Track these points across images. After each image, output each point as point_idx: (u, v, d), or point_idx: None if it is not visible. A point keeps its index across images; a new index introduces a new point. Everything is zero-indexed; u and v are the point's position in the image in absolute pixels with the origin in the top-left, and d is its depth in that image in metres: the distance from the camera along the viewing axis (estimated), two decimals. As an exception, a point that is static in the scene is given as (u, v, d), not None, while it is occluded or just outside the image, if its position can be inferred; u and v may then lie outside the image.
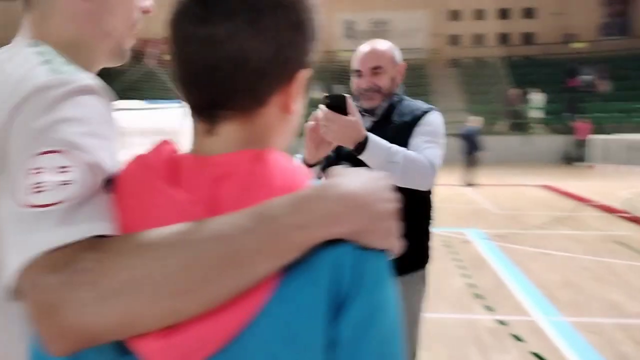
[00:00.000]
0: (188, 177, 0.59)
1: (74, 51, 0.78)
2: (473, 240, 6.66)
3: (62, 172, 0.58)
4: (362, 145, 1.74)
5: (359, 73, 2.04)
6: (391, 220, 0.59)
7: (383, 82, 2.01)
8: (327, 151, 1.81)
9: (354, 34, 27.09)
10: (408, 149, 1.87)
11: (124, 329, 0.52)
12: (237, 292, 0.53)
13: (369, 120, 2.02)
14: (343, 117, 1.69)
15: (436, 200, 2.11)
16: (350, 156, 1.78)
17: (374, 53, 2.04)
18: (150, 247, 0.53)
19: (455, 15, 28.22)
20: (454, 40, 28.23)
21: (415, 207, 1.94)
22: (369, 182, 0.60)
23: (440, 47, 27.66)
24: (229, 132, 0.62)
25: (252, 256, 0.53)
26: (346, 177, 0.60)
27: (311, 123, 1.74)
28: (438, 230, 5.85)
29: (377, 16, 28.04)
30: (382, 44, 2.07)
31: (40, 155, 0.59)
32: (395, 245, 0.60)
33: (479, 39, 28.07)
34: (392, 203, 0.60)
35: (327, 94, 1.73)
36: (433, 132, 1.95)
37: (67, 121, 0.61)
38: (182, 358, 0.53)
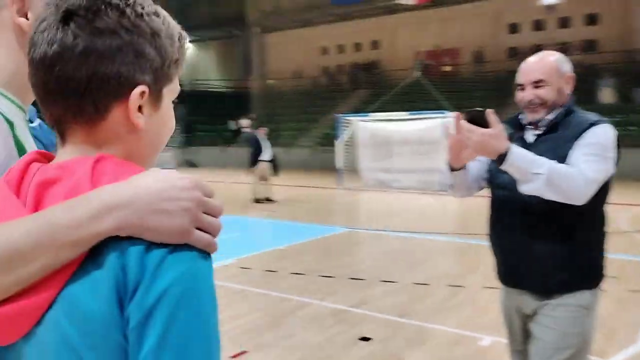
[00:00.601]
0: (25, 184, 0.71)
1: (16, 80, 0.91)
2: None
3: None
4: (503, 157, 1.84)
5: (521, 86, 2.08)
6: (178, 217, 0.65)
7: (547, 94, 2.02)
8: (471, 158, 2.06)
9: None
10: (566, 162, 1.91)
11: None
12: (25, 282, 0.63)
13: (532, 133, 2.09)
14: (481, 129, 1.84)
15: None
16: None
17: (535, 66, 2.06)
18: None
19: None
20: None
21: (576, 220, 1.97)
22: (154, 182, 0.66)
23: None
24: (73, 143, 0.72)
25: (31, 253, 0.62)
26: (137, 178, 0.67)
27: (452, 132, 1.97)
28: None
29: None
30: (547, 56, 2.08)
31: None
32: (196, 239, 0.66)
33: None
34: (182, 201, 0.66)
35: (469, 110, 1.91)
36: (597, 144, 1.92)
37: None
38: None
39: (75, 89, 0.70)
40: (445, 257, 7.27)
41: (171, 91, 0.79)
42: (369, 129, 15.56)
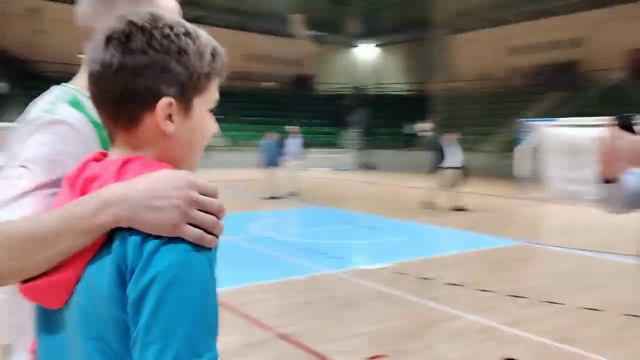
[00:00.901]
0: (79, 179, 0.85)
1: None
2: None
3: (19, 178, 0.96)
4: None
5: None
6: (167, 213, 0.75)
7: None
8: (624, 169, 1.87)
9: None
10: None
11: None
12: (53, 261, 0.78)
13: None
14: (629, 134, 1.74)
15: None
16: None
17: None
18: (6, 229, 0.79)
19: None
20: None
21: None
22: (150, 182, 0.77)
23: None
24: (117, 145, 0.87)
25: (55, 238, 0.77)
26: (138, 178, 0.79)
27: (601, 141, 1.83)
28: None
29: None
30: None
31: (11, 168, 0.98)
32: (185, 233, 0.75)
33: None
34: (172, 199, 0.76)
35: (621, 115, 1.80)
36: None
37: (33, 145, 1.00)
38: (39, 295, 0.82)
39: (113, 100, 0.83)
40: (624, 282, 6.39)
41: (205, 101, 0.89)
42: (558, 135, 14.31)
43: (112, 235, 0.77)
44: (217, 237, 0.79)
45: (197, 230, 0.76)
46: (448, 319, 4.80)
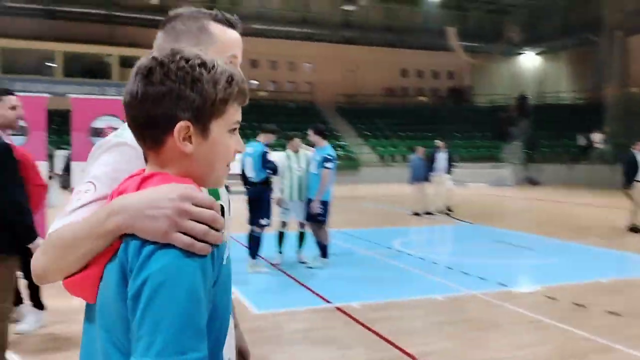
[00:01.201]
0: (115, 192, 0.99)
1: None
2: None
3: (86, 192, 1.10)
4: None
5: None
6: (159, 222, 0.85)
7: None
8: None
9: None
10: None
11: (47, 274, 0.98)
12: (83, 260, 0.92)
13: None
14: None
15: None
16: None
17: None
18: (55, 235, 0.98)
19: None
20: None
21: None
22: (149, 194, 0.90)
23: None
24: (148, 163, 1.00)
25: (82, 241, 0.91)
26: (142, 191, 0.93)
27: None
28: None
29: None
30: None
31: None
32: (175, 240, 0.85)
33: None
34: (164, 209, 0.86)
35: None
36: None
37: (100, 164, 1.15)
38: (76, 290, 0.97)
39: (140, 125, 0.97)
40: None
41: (223, 123, 0.99)
42: None
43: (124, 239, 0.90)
44: (210, 244, 0.87)
45: (187, 237, 0.85)
46: (601, 350, 4.29)
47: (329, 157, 7.03)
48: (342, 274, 6.92)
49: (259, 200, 6.86)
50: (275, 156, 7.08)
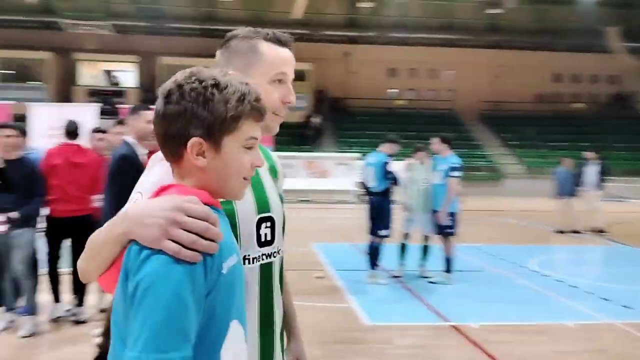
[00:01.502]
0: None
1: None
2: None
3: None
4: None
5: None
6: (152, 229, 0.94)
7: None
8: None
9: None
10: None
11: (85, 273, 1.11)
12: (107, 261, 1.04)
13: None
14: None
15: None
16: None
17: None
18: (90, 239, 1.09)
19: None
20: None
21: None
22: (149, 203, 1.00)
23: None
24: (173, 175, 1.12)
25: (104, 244, 1.03)
26: (146, 200, 1.04)
27: None
28: None
29: None
30: None
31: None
32: (164, 247, 0.93)
33: None
34: (157, 218, 0.95)
35: None
36: None
37: (149, 176, 1.26)
38: (106, 287, 1.10)
39: (162, 141, 1.09)
40: None
41: (236, 139, 1.08)
42: None
43: None
44: (200, 253, 0.95)
45: (175, 245, 0.94)
46: None
47: (456, 165, 6.79)
48: (465, 292, 6.60)
49: (380, 210, 6.82)
50: (395, 166, 7.00)
